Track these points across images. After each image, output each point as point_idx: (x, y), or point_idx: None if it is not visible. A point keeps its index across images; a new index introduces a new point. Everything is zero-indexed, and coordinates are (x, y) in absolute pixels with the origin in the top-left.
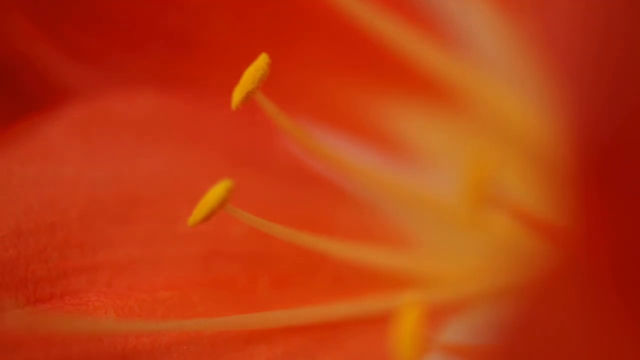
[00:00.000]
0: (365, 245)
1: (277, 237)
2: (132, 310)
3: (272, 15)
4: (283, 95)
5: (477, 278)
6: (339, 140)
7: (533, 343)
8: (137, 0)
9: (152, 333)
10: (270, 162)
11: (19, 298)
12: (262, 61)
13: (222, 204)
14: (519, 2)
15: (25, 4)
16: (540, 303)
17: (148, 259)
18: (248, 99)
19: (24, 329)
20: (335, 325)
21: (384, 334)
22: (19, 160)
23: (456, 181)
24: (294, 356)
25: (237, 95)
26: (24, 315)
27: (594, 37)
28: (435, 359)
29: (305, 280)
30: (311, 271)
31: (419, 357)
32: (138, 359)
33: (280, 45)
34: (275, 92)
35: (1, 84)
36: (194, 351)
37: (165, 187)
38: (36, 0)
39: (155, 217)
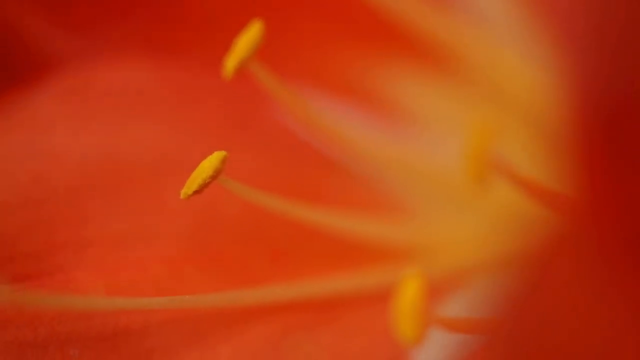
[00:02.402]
0: (364, 217)
1: (271, 209)
2: (123, 286)
3: None
4: (277, 63)
5: (478, 249)
6: (335, 108)
7: (536, 314)
8: None
9: (143, 310)
10: (264, 133)
11: (6, 275)
12: (255, 29)
13: (214, 175)
14: None
15: None
16: (544, 273)
17: (138, 234)
18: (241, 67)
19: (12, 307)
20: (334, 300)
21: (384, 307)
22: (5, 133)
23: (456, 149)
24: (292, 332)
25: (230, 64)
26: (12, 293)
27: (597, 2)
28: (436, 333)
29: (302, 254)
30: (307, 245)
31: (419, 332)
32: (130, 337)
33: (274, 11)
34: (269, 59)
35: None
36: (187, 328)
37: (156, 159)
38: None
39: (146, 190)
